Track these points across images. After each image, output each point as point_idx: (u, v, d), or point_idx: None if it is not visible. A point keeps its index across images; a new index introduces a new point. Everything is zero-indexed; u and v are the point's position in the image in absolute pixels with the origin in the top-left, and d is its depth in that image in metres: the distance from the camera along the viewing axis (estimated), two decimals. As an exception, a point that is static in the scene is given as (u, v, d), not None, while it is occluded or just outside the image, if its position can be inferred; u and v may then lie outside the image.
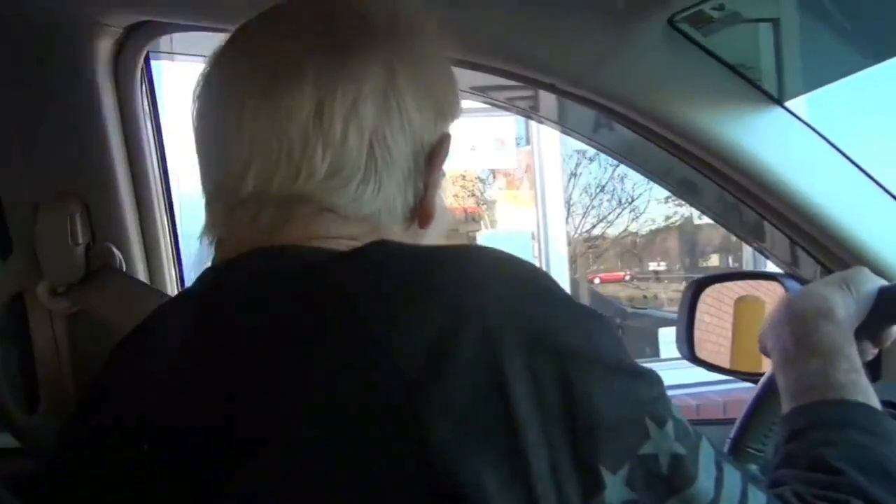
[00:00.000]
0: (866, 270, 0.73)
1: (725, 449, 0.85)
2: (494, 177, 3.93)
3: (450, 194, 3.90)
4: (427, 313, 0.42)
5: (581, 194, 4.32)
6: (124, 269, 0.88)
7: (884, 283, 0.71)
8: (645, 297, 4.75)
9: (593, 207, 4.34)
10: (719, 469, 0.44)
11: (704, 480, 0.43)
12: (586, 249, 4.47)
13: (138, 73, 0.87)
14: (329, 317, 0.43)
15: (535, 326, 0.42)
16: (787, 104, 1.05)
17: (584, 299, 3.94)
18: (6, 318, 0.95)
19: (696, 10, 0.90)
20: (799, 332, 0.65)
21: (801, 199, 1.06)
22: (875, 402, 0.60)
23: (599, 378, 0.42)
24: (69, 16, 0.81)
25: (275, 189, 0.52)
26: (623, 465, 0.41)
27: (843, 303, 0.67)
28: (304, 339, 0.43)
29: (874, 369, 1.18)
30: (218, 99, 0.55)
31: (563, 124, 1.15)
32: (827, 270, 1.13)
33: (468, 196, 4.02)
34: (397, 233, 0.56)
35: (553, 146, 3.33)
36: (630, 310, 4.53)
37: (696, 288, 1.49)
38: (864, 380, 0.62)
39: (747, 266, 3.32)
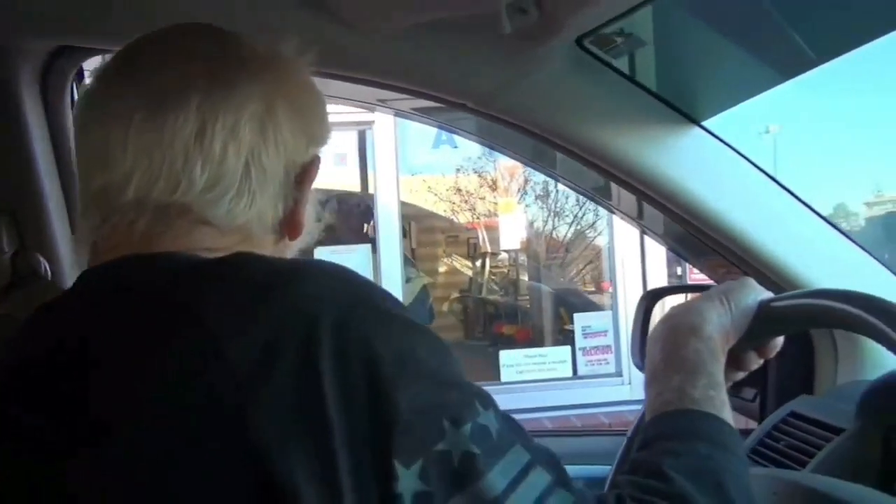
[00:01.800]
0: (750, 282, 0.74)
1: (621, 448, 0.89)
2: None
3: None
4: (261, 319, 0.47)
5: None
6: (49, 276, 0.93)
7: (766, 295, 0.72)
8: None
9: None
10: (524, 473, 0.48)
11: (495, 477, 0.46)
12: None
13: (68, 92, 0.92)
14: (179, 322, 0.48)
15: (351, 335, 0.47)
16: (705, 123, 1.08)
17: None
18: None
19: (601, 33, 0.94)
20: (667, 348, 0.67)
21: (719, 215, 1.08)
22: (727, 417, 0.62)
23: (404, 383, 0.46)
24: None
25: (154, 197, 0.56)
26: (417, 460, 0.45)
27: (717, 318, 0.68)
28: (156, 340, 0.48)
29: (806, 385, 1.21)
30: (105, 114, 0.58)
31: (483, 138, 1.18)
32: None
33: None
34: (268, 244, 0.62)
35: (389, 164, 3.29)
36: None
37: (650, 299, 1.53)
38: (722, 396, 0.64)
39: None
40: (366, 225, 3.24)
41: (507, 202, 4.19)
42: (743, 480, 0.57)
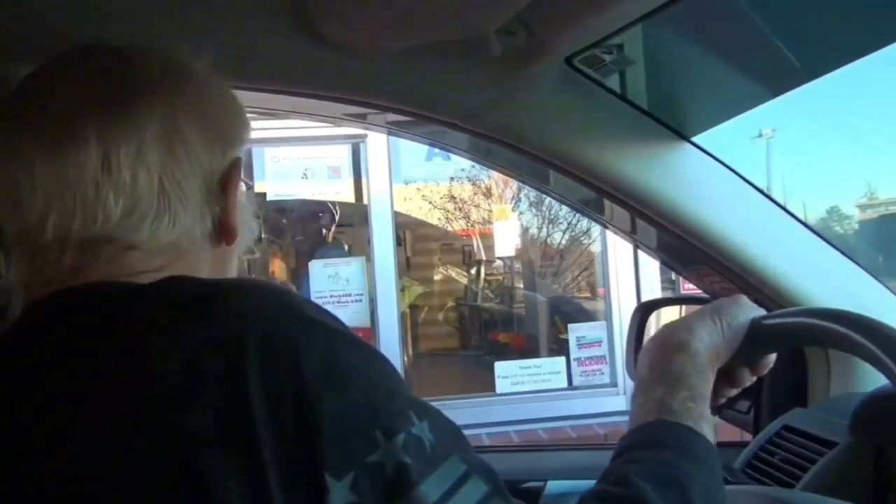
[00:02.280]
0: (742, 300, 0.74)
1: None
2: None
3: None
4: (184, 339, 0.47)
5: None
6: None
7: (758, 313, 0.73)
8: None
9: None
10: (459, 484, 0.48)
11: (429, 489, 0.46)
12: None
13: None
14: (109, 349, 0.49)
15: (276, 346, 0.47)
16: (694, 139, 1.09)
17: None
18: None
19: (590, 52, 0.94)
20: (654, 362, 0.68)
21: (713, 232, 1.09)
22: (704, 429, 0.62)
23: (332, 393, 0.46)
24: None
25: (74, 233, 0.56)
26: (349, 472, 0.45)
27: (707, 335, 0.69)
28: (89, 365, 0.49)
29: (799, 396, 1.21)
30: (6, 158, 0.58)
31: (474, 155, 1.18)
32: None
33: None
34: (205, 255, 0.62)
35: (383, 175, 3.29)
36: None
37: (644, 311, 1.53)
38: (702, 408, 0.64)
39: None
40: (325, 230, 3.22)
41: (501, 209, 4.20)
42: (710, 490, 0.57)
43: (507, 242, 4.10)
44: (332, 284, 3.26)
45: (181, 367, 0.46)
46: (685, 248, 1.14)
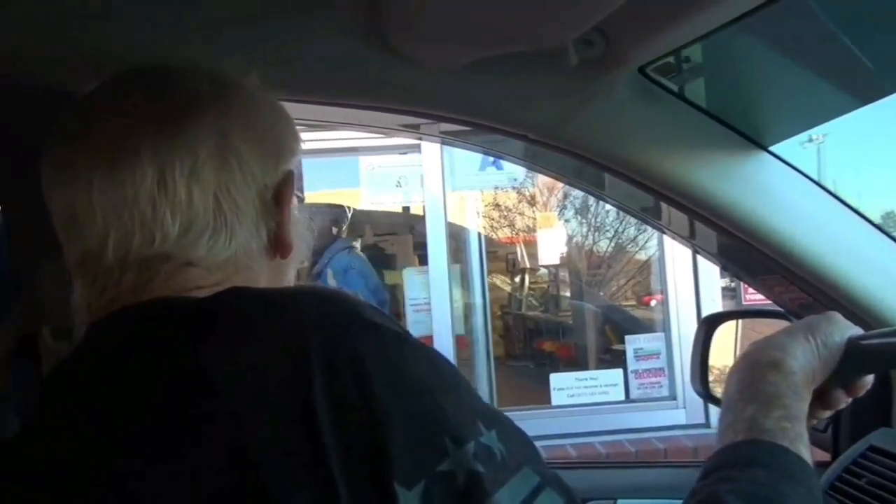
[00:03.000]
0: (837, 318, 0.71)
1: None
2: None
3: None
4: (249, 350, 0.47)
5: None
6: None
7: (855, 331, 0.70)
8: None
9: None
10: (534, 495, 0.47)
11: (503, 499, 0.45)
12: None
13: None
14: (178, 363, 0.49)
15: (341, 354, 0.46)
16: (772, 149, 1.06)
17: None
18: (21, 358, 1.03)
19: (664, 61, 0.92)
20: (745, 380, 0.66)
21: (792, 243, 1.05)
22: (801, 450, 0.60)
23: (400, 400, 0.45)
24: (69, 86, 0.89)
25: (134, 253, 0.57)
26: (419, 481, 0.44)
27: (801, 353, 0.67)
28: (159, 382, 0.49)
29: (883, 416, 1.16)
30: (65, 181, 0.59)
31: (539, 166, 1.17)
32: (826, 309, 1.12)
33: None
34: (262, 269, 0.62)
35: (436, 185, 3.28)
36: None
37: (709, 324, 1.49)
38: (798, 428, 0.61)
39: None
40: (335, 229, 3.25)
41: (545, 217, 4.16)
42: None
43: (551, 250, 4.05)
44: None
45: (245, 377, 0.46)
46: (758, 258, 1.10)
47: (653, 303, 3.47)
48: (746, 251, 1.10)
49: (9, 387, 1.00)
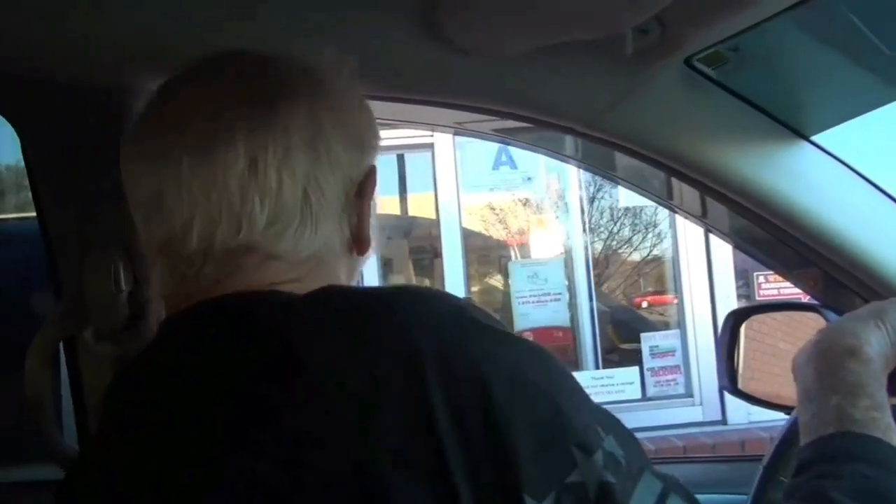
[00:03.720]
0: None
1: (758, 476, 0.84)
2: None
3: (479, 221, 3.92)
4: (359, 358, 0.45)
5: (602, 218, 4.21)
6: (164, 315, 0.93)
7: None
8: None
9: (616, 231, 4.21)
10: (661, 501, 0.45)
11: None
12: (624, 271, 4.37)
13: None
14: (272, 362, 0.47)
15: (458, 363, 0.45)
16: (814, 138, 1.05)
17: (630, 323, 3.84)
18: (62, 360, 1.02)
19: (710, 52, 0.91)
20: (822, 369, 0.65)
21: (834, 234, 1.04)
22: (893, 440, 0.58)
23: (520, 407, 0.44)
24: (106, 81, 0.88)
25: (218, 244, 0.55)
26: (549, 493, 0.42)
27: (875, 340, 0.65)
28: (247, 384, 0.47)
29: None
30: (153, 163, 0.57)
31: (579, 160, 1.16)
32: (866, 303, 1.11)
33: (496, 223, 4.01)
34: (341, 265, 0.60)
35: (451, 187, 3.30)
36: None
37: (736, 318, 1.48)
38: (887, 418, 0.60)
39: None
40: None
41: (539, 219, 4.16)
42: None
43: (545, 249, 4.05)
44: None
45: (358, 384, 0.44)
46: (799, 250, 1.09)
47: (668, 302, 3.47)
48: (786, 243, 1.10)
49: (49, 391, 0.99)
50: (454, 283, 3.26)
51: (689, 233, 3.00)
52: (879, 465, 0.56)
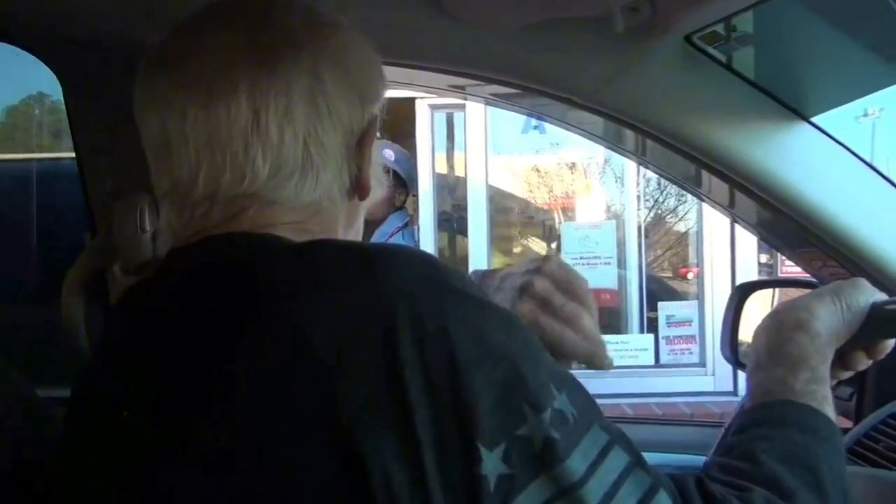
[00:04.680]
0: (862, 283, 0.74)
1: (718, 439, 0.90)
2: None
3: (526, 187, 3.93)
4: (342, 310, 0.48)
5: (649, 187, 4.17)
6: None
7: (879, 296, 0.72)
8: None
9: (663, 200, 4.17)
10: (603, 455, 0.49)
11: (575, 462, 0.47)
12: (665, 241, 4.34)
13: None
14: (263, 306, 0.50)
15: (429, 322, 0.48)
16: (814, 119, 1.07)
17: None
18: (95, 290, 1.12)
19: (710, 30, 0.94)
20: (773, 341, 0.68)
21: (829, 215, 1.07)
22: (829, 412, 0.63)
23: (482, 367, 0.47)
24: (145, 38, 0.95)
25: (223, 191, 0.58)
26: (500, 443, 0.46)
27: (826, 315, 0.69)
28: (239, 324, 0.50)
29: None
30: (160, 105, 0.59)
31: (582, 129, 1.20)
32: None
33: (541, 187, 4.01)
34: (341, 210, 0.63)
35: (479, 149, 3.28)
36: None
37: (742, 292, 1.51)
38: (824, 391, 0.65)
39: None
40: (398, 196, 2.85)
41: (586, 184, 4.16)
42: (838, 471, 0.57)
43: (589, 217, 4.06)
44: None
45: (338, 333, 0.47)
46: (796, 229, 1.12)
47: (689, 274, 3.47)
48: (785, 222, 1.12)
49: (82, 318, 1.09)
50: (477, 245, 3.30)
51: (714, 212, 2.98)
52: (809, 431, 0.60)
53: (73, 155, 1.12)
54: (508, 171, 3.82)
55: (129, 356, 0.56)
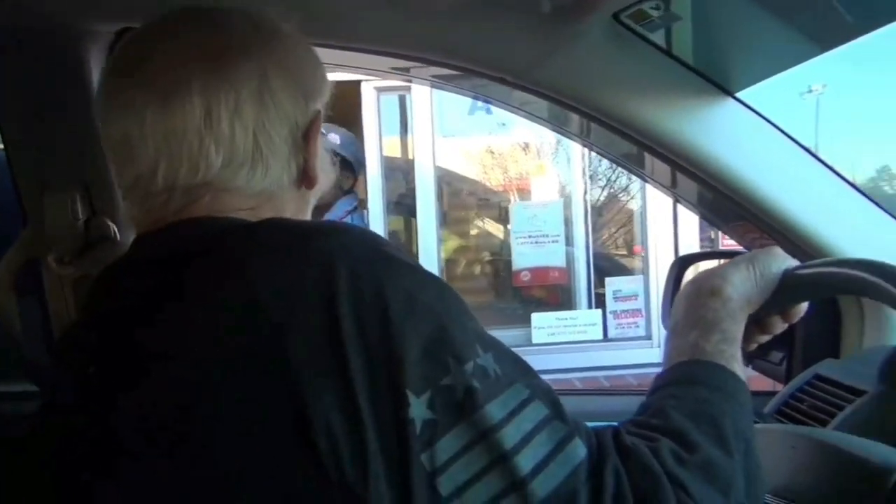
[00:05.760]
0: (776, 251, 0.77)
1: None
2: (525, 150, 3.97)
3: (480, 168, 3.95)
4: (288, 270, 0.54)
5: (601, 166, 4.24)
6: (118, 239, 1.02)
7: (791, 263, 0.76)
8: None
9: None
10: (522, 406, 0.54)
11: (493, 409, 0.52)
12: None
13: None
14: (227, 274, 0.56)
15: (364, 281, 0.53)
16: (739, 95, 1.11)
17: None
18: (28, 281, 1.10)
19: (637, 8, 0.96)
20: (689, 307, 0.72)
21: (755, 188, 1.11)
22: (736, 368, 0.67)
23: (413, 323, 0.52)
24: (64, 25, 0.94)
25: (180, 182, 0.64)
26: (426, 391, 0.51)
27: (740, 282, 0.73)
28: (209, 290, 0.56)
29: (833, 349, 1.24)
30: (120, 110, 0.64)
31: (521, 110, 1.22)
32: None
33: (495, 168, 4.05)
34: (290, 198, 0.69)
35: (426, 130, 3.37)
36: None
37: (681, 265, 1.56)
38: (732, 350, 0.68)
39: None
40: (345, 181, 2.88)
41: (539, 164, 4.21)
42: (741, 423, 0.61)
43: (542, 196, 4.11)
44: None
45: (285, 292, 0.53)
46: (726, 203, 1.16)
47: (636, 251, 3.55)
48: (717, 198, 1.16)
49: (16, 310, 1.07)
50: (427, 227, 3.32)
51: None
52: (716, 389, 0.64)
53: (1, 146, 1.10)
54: (458, 152, 3.84)
55: (108, 328, 0.61)
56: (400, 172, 3.87)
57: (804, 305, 0.79)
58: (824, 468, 0.68)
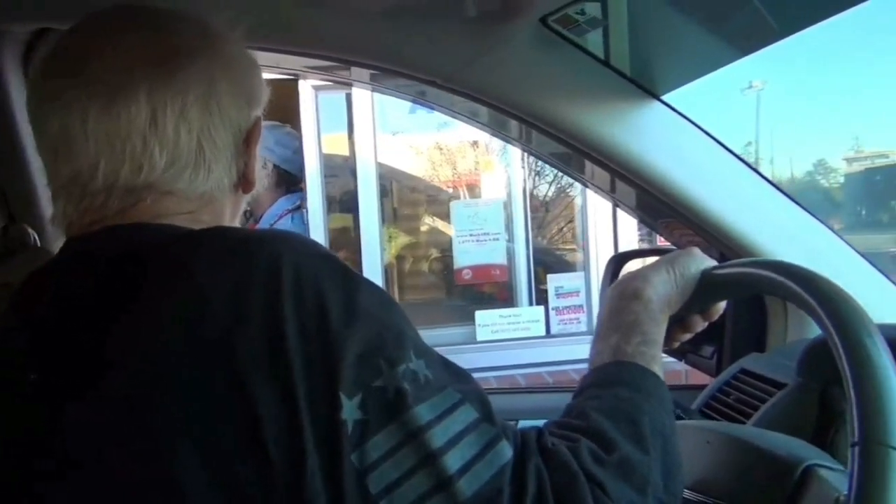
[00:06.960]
0: (695, 252, 0.79)
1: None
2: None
3: (429, 165, 3.95)
4: (235, 274, 0.55)
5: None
6: (38, 245, 0.98)
7: (709, 263, 0.78)
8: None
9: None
10: (451, 410, 0.55)
11: (423, 411, 0.54)
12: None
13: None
14: (175, 276, 0.56)
15: (308, 290, 0.55)
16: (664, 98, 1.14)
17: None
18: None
19: (564, 12, 0.98)
20: (611, 310, 0.74)
21: (680, 187, 1.14)
22: (655, 369, 0.69)
23: (350, 329, 0.54)
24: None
25: (121, 181, 0.63)
26: (357, 393, 0.53)
27: (660, 283, 0.75)
28: (156, 293, 0.56)
29: (760, 343, 1.28)
30: (61, 107, 0.63)
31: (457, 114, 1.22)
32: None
33: (444, 165, 4.04)
34: (228, 201, 0.69)
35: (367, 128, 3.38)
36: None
37: (617, 262, 1.60)
38: (653, 351, 0.70)
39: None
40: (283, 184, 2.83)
41: (487, 161, 4.22)
42: (659, 421, 0.63)
43: (492, 194, 4.14)
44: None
45: (230, 295, 0.54)
46: (654, 202, 1.19)
47: (577, 247, 3.61)
48: (648, 199, 1.19)
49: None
50: (369, 225, 3.31)
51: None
52: (635, 388, 0.66)
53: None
54: (403, 149, 3.83)
55: (43, 333, 0.59)
56: (341, 170, 3.86)
57: (722, 304, 0.81)
58: (736, 463, 0.70)
